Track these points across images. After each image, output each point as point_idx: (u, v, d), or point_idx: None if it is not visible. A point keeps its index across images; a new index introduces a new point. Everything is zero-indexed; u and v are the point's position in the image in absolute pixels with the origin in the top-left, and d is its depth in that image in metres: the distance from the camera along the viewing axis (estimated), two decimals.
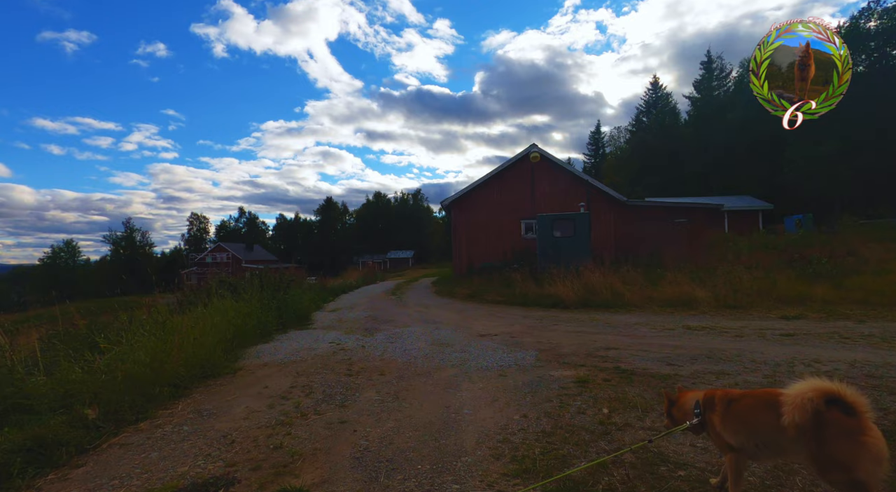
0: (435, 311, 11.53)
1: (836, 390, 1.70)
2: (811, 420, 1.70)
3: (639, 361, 5.49)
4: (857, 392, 1.70)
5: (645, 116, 50.26)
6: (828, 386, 1.71)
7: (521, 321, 9.26)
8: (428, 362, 5.67)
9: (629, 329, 7.77)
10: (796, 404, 1.71)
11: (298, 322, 9.42)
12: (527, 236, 18.34)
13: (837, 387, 1.70)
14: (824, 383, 1.72)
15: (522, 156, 18.30)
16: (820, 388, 1.71)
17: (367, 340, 7.37)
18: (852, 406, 1.67)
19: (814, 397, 1.69)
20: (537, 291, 12.38)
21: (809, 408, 1.69)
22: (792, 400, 1.73)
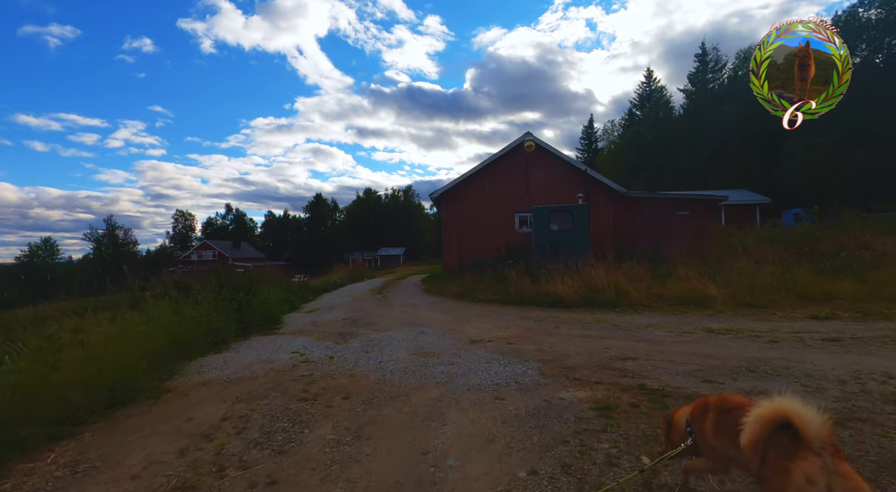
0: (422, 312, 10.44)
1: (789, 413, 1.58)
2: (763, 443, 1.64)
3: (666, 375, 4.46)
4: (814, 416, 1.56)
5: (638, 110, 49.47)
6: (783, 410, 1.60)
7: (518, 323, 8.22)
8: (407, 379, 4.59)
9: (642, 333, 6.76)
10: (749, 426, 1.65)
11: (265, 326, 8.29)
12: (521, 231, 17.30)
13: (791, 409, 1.59)
14: (782, 405, 1.61)
15: (517, 144, 17.21)
16: (775, 411, 1.61)
17: (339, 348, 6.26)
18: (799, 433, 1.56)
19: (764, 421, 1.63)
20: (534, 290, 11.34)
21: (759, 433, 1.63)
22: (748, 422, 1.66)
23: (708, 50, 42.64)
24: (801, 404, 1.59)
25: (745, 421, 1.66)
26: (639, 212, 16.94)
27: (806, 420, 1.55)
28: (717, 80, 41.87)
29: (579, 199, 14.64)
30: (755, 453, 1.67)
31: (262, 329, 8.10)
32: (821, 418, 1.55)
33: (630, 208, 16.99)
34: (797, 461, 1.54)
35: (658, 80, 48.63)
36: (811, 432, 1.54)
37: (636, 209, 17.00)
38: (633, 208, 17.00)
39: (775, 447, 1.61)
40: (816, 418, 1.55)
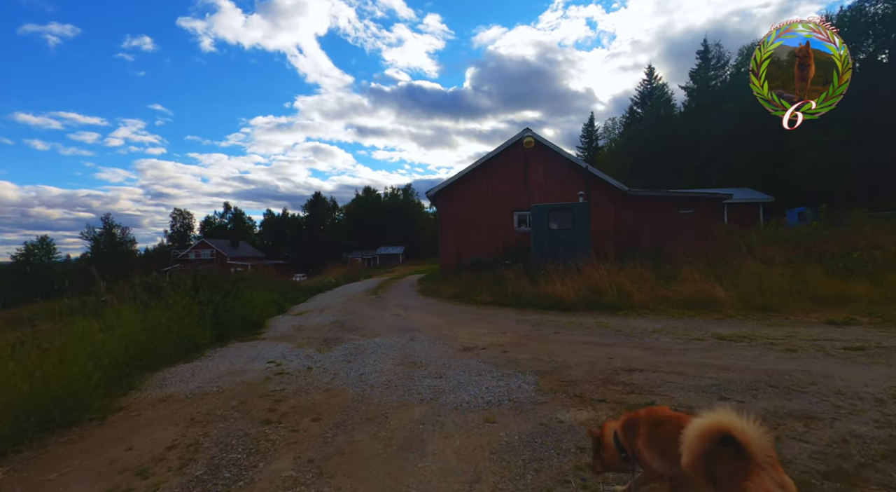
0: (415, 314, 9.97)
1: (729, 427, 1.49)
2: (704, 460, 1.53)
3: (678, 391, 3.99)
4: (754, 430, 1.49)
5: (639, 108, 48.93)
6: (721, 423, 1.51)
7: (515, 328, 7.75)
8: (388, 395, 4.12)
9: (648, 339, 6.28)
10: (688, 444, 1.55)
11: (247, 331, 7.82)
12: (520, 229, 16.82)
13: (731, 424, 1.50)
14: (721, 419, 1.52)
15: (515, 141, 16.71)
16: (713, 426, 1.52)
17: (319, 358, 5.78)
18: (742, 447, 1.47)
19: (703, 436, 1.53)
20: (533, 291, 10.87)
21: (700, 450, 1.53)
22: (687, 439, 1.56)
23: (710, 47, 42.10)
24: (740, 416, 1.53)
25: (684, 439, 1.57)
26: (641, 210, 16.45)
27: (749, 434, 1.48)
28: (719, 78, 41.33)
29: (580, 197, 14.16)
30: (698, 472, 1.56)
31: (243, 334, 7.63)
32: (760, 430, 1.50)
33: (632, 207, 16.51)
34: (752, 479, 1.45)
35: (659, 77, 48.12)
36: (756, 447, 1.47)
37: (638, 208, 16.52)
38: (635, 207, 16.52)
39: (723, 465, 1.52)
40: (757, 432, 1.49)
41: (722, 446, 1.51)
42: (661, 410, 2.03)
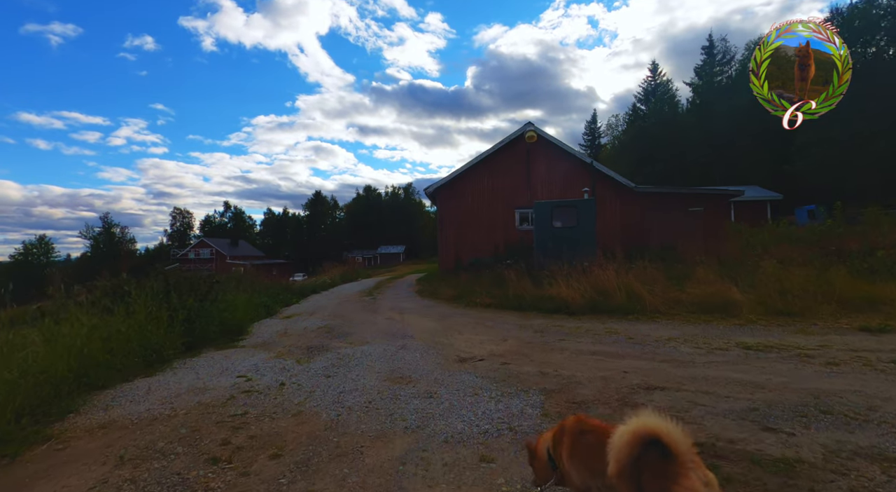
0: (410, 318, 9.34)
1: (654, 430, 1.44)
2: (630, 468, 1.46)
3: (710, 418, 3.35)
4: (677, 430, 1.44)
5: (643, 105, 48.17)
6: (645, 426, 1.46)
7: (517, 334, 7.11)
8: (367, 421, 3.49)
9: (664, 349, 5.64)
10: (615, 452, 1.47)
11: (225, 338, 7.20)
12: (522, 228, 16.17)
13: (655, 426, 1.44)
14: (644, 422, 1.46)
15: (517, 135, 16.05)
16: (637, 430, 1.46)
17: (297, 370, 5.16)
18: (668, 448, 1.41)
19: (630, 442, 1.45)
20: (535, 293, 10.23)
21: (627, 456, 1.46)
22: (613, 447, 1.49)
23: (715, 42, 41.32)
24: (662, 418, 1.47)
25: (611, 447, 1.50)
26: (648, 208, 15.79)
27: (675, 437, 1.43)
28: (724, 74, 40.56)
29: (584, 193, 13.51)
30: (624, 480, 1.49)
31: (221, 342, 7.01)
32: (681, 430, 1.45)
33: (639, 204, 15.85)
34: (681, 482, 1.39)
35: (664, 73, 47.34)
36: (681, 448, 1.42)
37: (645, 205, 15.86)
38: (641, 204, 15.86)
39: (649, 470, 1.45)
40: (680, 432, 1.45)
41: (647, 451, 1.45)
42: (589, 419, 1.93)
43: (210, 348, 6.56)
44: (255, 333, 7.90)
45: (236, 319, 7.77)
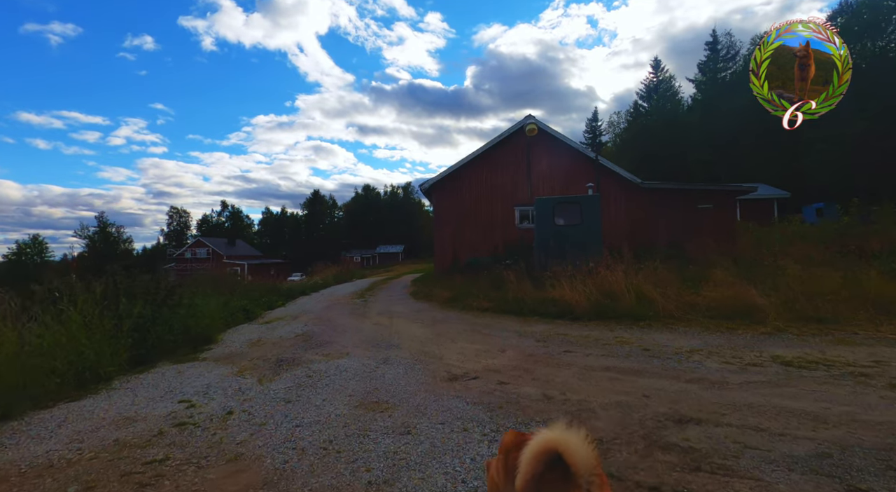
0: (400, 323, 8.54)
1: (558, 446, 1.30)
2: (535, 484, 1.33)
3: (771, 469, 2.54)
4: (581, 447, 1.30)
5: (645, 102, 47.35)
6: (551, 442, 1.32)
7: (516, 344, 6.31)
8: (320, 472, 2.69)
9: (688, 364, 4.84)
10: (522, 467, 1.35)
11: (188, 348, 6.41)
12: (522, 226, 15.36)
13: (560, 442, 1.30)
14: (551, 438, 1.33)
15: (516, 129, 15.22)
16: (545, 444, 1.32)
17: (255, 392, 4.35)
18: (570, 467, 1.28)
19: (534, 458, 1.33)
20: (536, 296, 9.43)
21: (531, 472, 1.32)
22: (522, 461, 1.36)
23: (719, 38, 40.49)
24: (570, 432, 1.35)
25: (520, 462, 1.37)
26: (655, 205, 14.98)
27: (573, 451, 1.30)
28: (728, 70, 39.73)
29: (588, 189, 12.69)
30: None
31: (181, 353, 6.21)
32: (587, 446, 1.33)
33: (645, 201, 15.03)
34: None
35: (666, 70, 46.50)
36: (579, 465, 1.29)
37: (652, 202, 15.04)
38: (648, 201, 15.04)
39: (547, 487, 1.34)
40: (583, 447, 1.32)
41: (552, 468, 1.31)
42: (523, 434, 1.68)
43: (165, 362, 5.76)
44: (225, 342, 7.09)
45: (203, 326, 6.95)
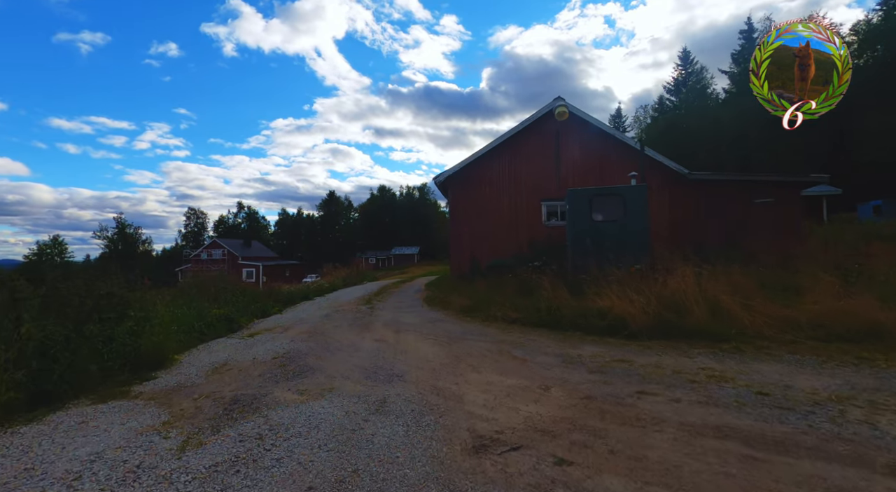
0: (407, 340, 6.86)
1: None
2: None
3: None
4: None
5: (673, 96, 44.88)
6: None
7: (563, 377, 4.58)
8: None
9: (850, 427, 3.04)
10: None
11: (129, 375, 4.87)
12: (550, 223, 13.54)
13: None
14: None
15: (544, 113, 13.42)
16: None
17: (156, 476, 2.70)
18: None
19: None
20: (576, 305, 7.65)
21: None
22: None
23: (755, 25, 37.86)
24: None
25: None
26: (705, 199, 13.01)
27: None
28: None
29: (632, 179, 10.83)
30: None
31: (115, 383, 4.66)
32: None
33: (692, 195, 13.07)
34: None
35: (696, 62, 43.89)
36: None
37: (700, 196, 13.08)
38: (696, 195, 13.08)
39: None
40: None
41: None
42: None
43: (84, 399, 4.20)
44: (180, 367, 5.51)
45: (154, 344, 5.37)
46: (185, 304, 8.14)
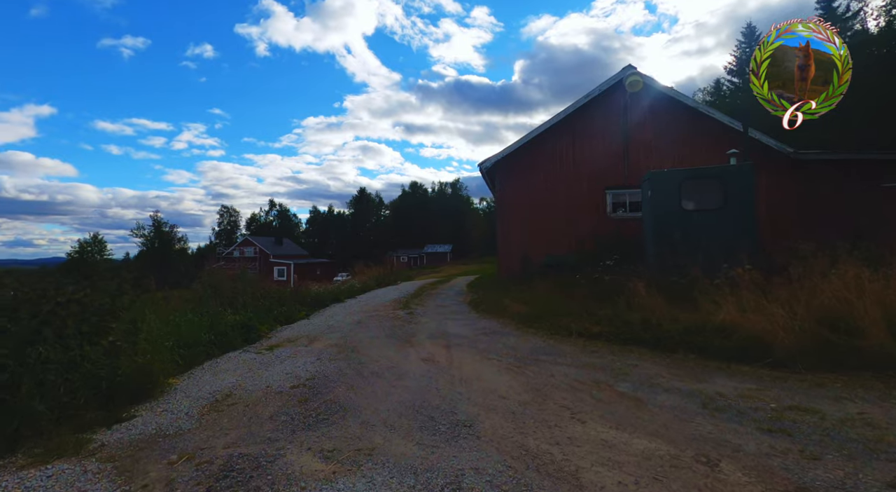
0: (463, 361, 5.30)
1: None
2: None
3: None
4: None
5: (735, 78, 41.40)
6: None
7: (723, 440, 2.89)
8: None
9: None
10: None
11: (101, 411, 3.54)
12: (616, 215, 11.67)
13: None
14: None
15: (611, 85, 11.52)
16: None
17: None
18: None
19: None
20: (681, 318, 5.90)
21: None
22: None
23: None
24: None
25: None
26: (814, 182, 10.82)
27: None
28: (849, 31, 33.30)
29: (731, 158, 8.86)
30: None
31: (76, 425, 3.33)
32: None
33: (796, 178, 10.91)
34: None
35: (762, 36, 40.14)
36: None
37: (809, 178, 10.89)
38: (801, 178, 10.91)
39: None
40: None
41: None
42: None
43: (20, 455, 2.87)
44: (174, 395, 4.15)
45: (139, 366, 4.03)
46: (196, 309, 6.89)
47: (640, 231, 10.74)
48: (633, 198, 11.51)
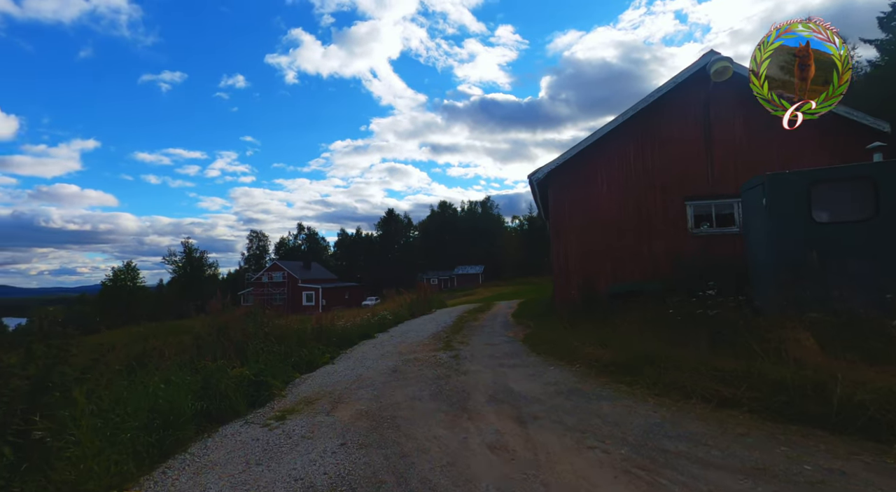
0: (553, 455, 3.55)
1: None
2: None
3: None
4: None
5: None
6: None
7: None
8: None
9: None
10: None
11: None
12: (699, 232, 9.68)
13: None
14: None
15: (691, 74, 9.66)
16: None
17: None
18: None
19: None
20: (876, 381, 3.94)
21: None
22: None
23: None
24: None
25: None
26: None
27: None
28: None
29: (875, 155, 6.85)
30: None
31: None
32: None
33: None
34: None
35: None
36: None
37: None
38: None
39: None
40: None
41: None
42: None
43: None
44: None
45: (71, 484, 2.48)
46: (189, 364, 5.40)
47: (734, 251, 8.74)
48: (721, 210, 9.52)
